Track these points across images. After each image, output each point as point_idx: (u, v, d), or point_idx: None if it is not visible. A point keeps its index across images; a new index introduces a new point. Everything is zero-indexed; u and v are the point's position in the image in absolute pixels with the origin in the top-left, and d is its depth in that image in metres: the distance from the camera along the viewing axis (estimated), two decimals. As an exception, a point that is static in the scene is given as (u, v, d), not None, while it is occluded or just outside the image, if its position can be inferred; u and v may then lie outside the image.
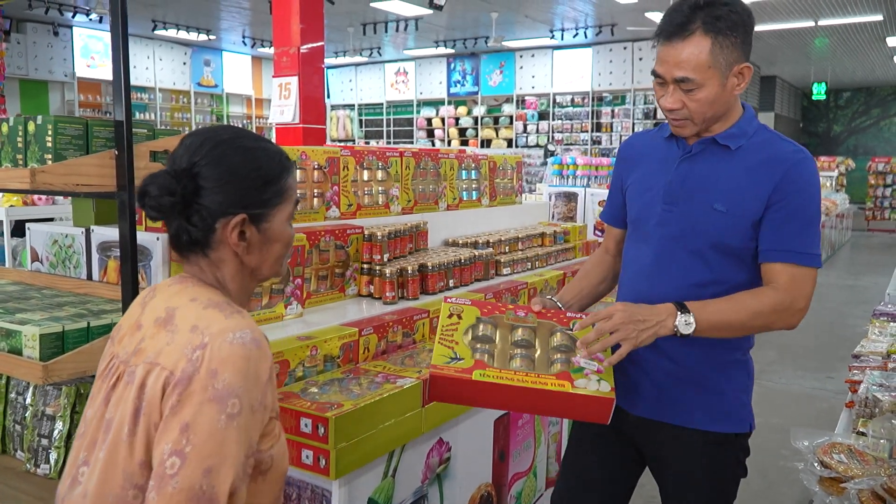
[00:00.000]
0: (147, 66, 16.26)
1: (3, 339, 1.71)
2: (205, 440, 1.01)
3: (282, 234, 1.23)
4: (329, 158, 2.59)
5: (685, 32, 1.57)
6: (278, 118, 6.38)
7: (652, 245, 1.73)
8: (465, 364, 1.53)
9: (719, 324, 1.57)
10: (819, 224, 1.64)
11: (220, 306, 1.14)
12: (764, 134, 1.69)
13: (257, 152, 1.20)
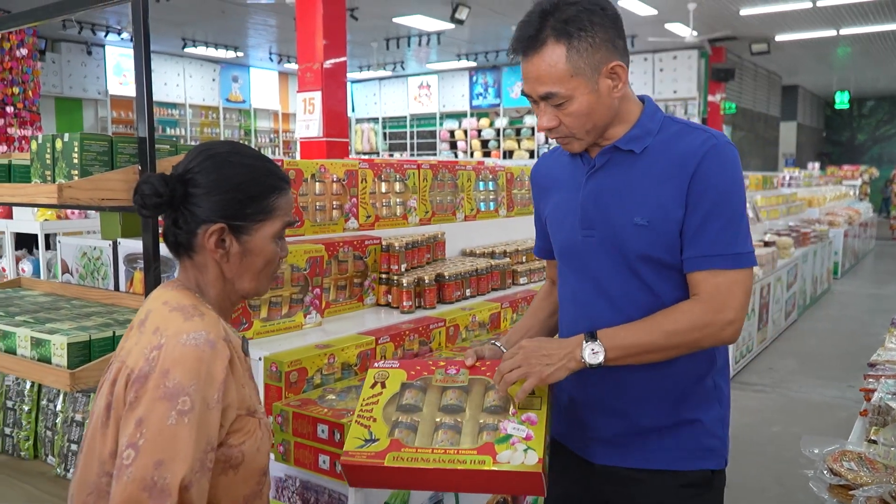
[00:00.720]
0: (177, 82, 16.58)
1: (33, 348, 1.79)
2: (155, 435, 1.08)
3: (262, 249, 1.27)
4: (348, 171, 2.65)
5: (537, 44, 1.42)
6: (304, 132, 6.51)
7: (583, 275, 1.55)
8: (379, 446, 1.40)
9: (632, 348, 1.40)
10: (744, 218, 1.45)
11: (184, 310, 1.20)
12: (671, 127, 1.50)
13: (248, 168, 1.26)
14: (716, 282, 1.40)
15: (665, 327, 1.39)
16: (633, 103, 1.54)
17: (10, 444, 2.19)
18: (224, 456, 1.17)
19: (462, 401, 1.47)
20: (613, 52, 1.45)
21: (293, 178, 2.42)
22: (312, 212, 2.52)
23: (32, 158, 1.81)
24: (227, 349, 1.18)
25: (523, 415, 1.40)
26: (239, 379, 1.21)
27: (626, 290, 1.50)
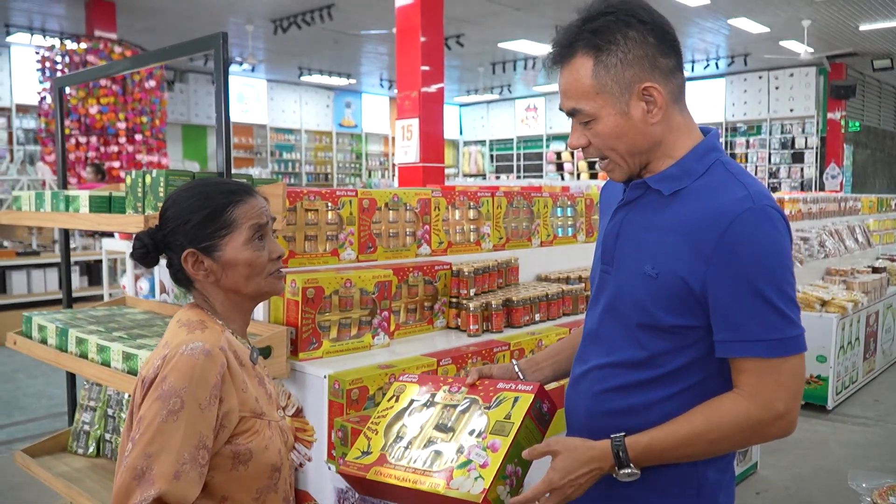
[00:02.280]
0: (294, 109, 17.44)
1: (124, 361, 1.99)
2: (148, 431, 1.21)
3: (238, 258, 1.37)
4: (420, 200, 2.77)
5: (567, 55, 1.31)
6: (402, 158, 6.74)
7: (594, 312, 1.46)
8: (369, 459, 1.48)
9: (670, 460, 1.28)
10: (788, 295, 1.24)
11: (190, 324, 1.35)
12: (715, 174, 1.31)
13: (197, 195, 1.38)
14: (759, 372, 1.23)
15: (708, 436, 1.24)
16: (685, 136, 1.35)
17: (108, 449, 2.43)
18: (232, 453, 1.30)
19: (455, 420, 1.49)
20: (650, 71, 1.28)
21: (367, 206, 2.56)
22: (385, 238, 2.66)
23: (127, 192, 2.03)
24: (224, 358, 1.30)
25: (490, 441, 1.38)
26: (239, 384, 1.33)
27: (616, 339, 1.39)
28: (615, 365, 1.38)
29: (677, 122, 1.34)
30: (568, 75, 1.31)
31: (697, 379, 1.32)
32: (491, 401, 1.47)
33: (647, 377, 1.34)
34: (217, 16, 11.10)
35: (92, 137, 9.34)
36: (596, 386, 1.41)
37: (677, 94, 1.34)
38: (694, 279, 1.25)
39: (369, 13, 10.80)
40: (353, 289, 2.32)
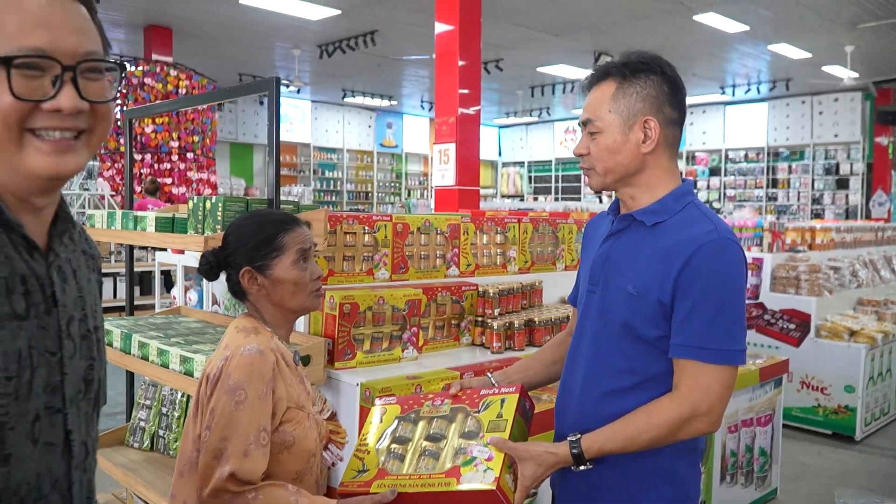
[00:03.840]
0: (337, 129, 17.89)
1: (181, 364, 2.25)
2: (220, 419, 1.47)
3: (285, 276, 1.61)
4: (450, 224, 3.00)
5: (601, 78, 1.59)
6: (439, 182, 6.98)
7: (581, 328, 1.67)
8: (368, 476, 1.58)
9: (619, 452, 1.49)
10: (735, 314, 1.47)
11: (245, 330, 1.60)
12: (689, 212, 1.55)
13: (254, 224, 1.65)
14: (696, 374, 1.45)
15: (648, 434, 1.46)
16: (667, 178, 1.59)
17: (162, 444, 2.69)
18: (279, 439, 1.54)
19: (444, 429, 1.62)
20: (656, 111, 1.54)
21: (401, 230, 2.80)
22: (417, 259, 2.89)
23: (189, 214, 2.30)
24: (274, 356, 1.55)
25: (489, 437, 1.53)
26: (286, 379, 1.57)
27: (602, 351, 1.58)
28: (603, 373, 1.58)
29: (664, 164, 1.59)
30: (595, 93, 1.59)
31: (671, 385, 1.52)
32: (478, 406, 1.63)
33: (630, 384, 1.54)
34: (266, 41, 11.55)
35: (147, 155, 9.81)
36: (586, 393, 1.61)
37: (671, 143, 1.60)
38: (665, 295, 1.48)
39: (411, 39, 11.14)
40: (385, 306, 2.55)
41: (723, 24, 10.05)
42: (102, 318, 1.10)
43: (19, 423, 0.87)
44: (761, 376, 3.59)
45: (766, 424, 3.66)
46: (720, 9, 9.43)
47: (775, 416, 3.78)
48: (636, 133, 1.55)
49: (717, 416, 1.47)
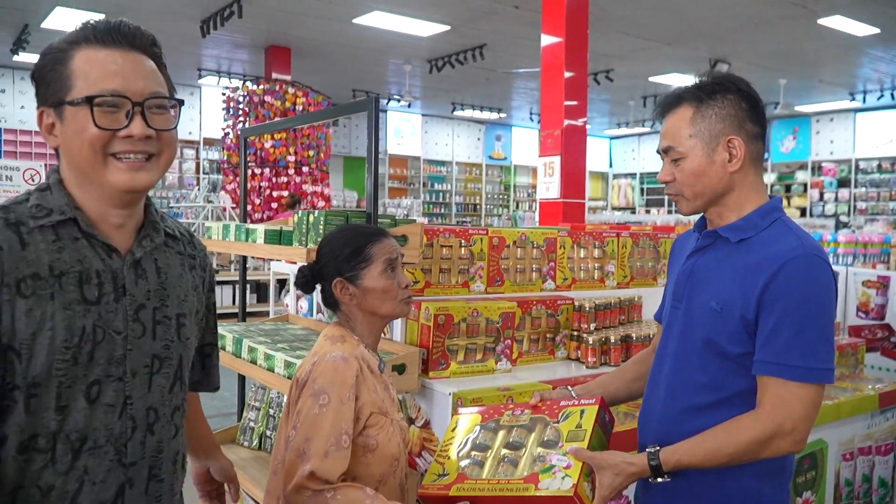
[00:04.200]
0: (446, 142, 18.19)
1: (285, 369, 2.38)
2: (304, 421, 1.55)
3: (375, 285, 1.69)
4: (547, 239, 3.01)
5: (674, 103, 1.59)
6: (544, 194, 6.98)
7: (664, 344, 1.67)
8: (448, 479, 1.62)
9: (698, 467, 1.48)
10: (821, 331, 1.44)
11: (332, 339, 1.68)
12: (776, 228, 1.54)
13: (343, 237, 1.73)
14: (780, 392, 1.43)
15: (728, 450, 1.44)
16: (755, 195, 1.58)
17: (269, 444, 2.84)
18: (363, 442, 1.61)
19: (523, 437, 1.65)
20: (738, 129, 1.54)
21: (497, 244, 2.84)
22: (513, 273, 2.92)
23: (294, 227, 2.44)
24: (357, 364, 1.62)
25: (568, 447, 1.55)
26: (370, 385, 1.64)
27: (683, 366, 1.59)
28: (685, 390, 1.58)
29: (750, 180, 1.58)
30: (671, 119, 1.59)
31: (754, 403, 1.49)
32: (558, 416, 1.65)
33: (712, 400, 1.53)
34: (379, 58, 11.93)
35: (265, 169, 10.32)
36: (668, 409, 1.61)
37: (756, 158, 1.59)
38: (748, 311, 1.47)
39: (520, 52, 11.20)
40: (479, 318, 2.59)
41: (850, 27, 9.52)
42: (193, 307, 1.35)
43: (75, 383, 1.14)
44: (881, 402, 3.37)
45: (886, 454, 3.43)
46: (847, 11, 8.94)
47: (897, 445, 3.55)
48: (721, 153, 1.54)
49: (801, 436, 1.44)
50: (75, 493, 1.15)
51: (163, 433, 1.26)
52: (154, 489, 1.25)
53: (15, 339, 1.11)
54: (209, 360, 1.57)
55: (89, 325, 1.15)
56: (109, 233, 1.22)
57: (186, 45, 11.25)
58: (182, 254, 1.36)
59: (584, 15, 7.08)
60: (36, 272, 1.13)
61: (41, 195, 1.20)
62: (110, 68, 1.17)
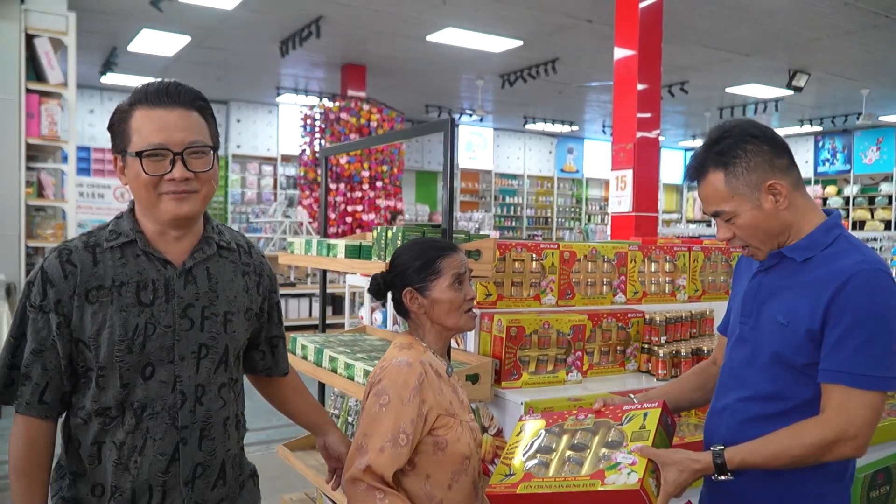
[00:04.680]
0: (518, 155, 18.24)
1: (364, 377, 2.50)
2: (365, 417, 1.68)
3: (442, 297, 1.78)
4: (617, 252, 3.06)
5: (701, 173, 1.67)
6: (615, 208, 6.98)
7: (731, 355, 1.76)
8: (515, 479, 1.68)
9: (761, 467, 1.54)
10: (886, 342, 1.50)
11: (401, 346, 1.79)
12: (839, 245, 1.62)
13: (415, 250, 1.83)
14: (844, 399, 1.50)
15: (792, 452, 1.52)
16: (810, 214, 1.67)
17: (348, 448, 2.97)
18: (433, 441, 1.71)
19: (587, 440, 1.72)
20: (771, 171, 1.62)
21: (567, 258, 2.91)
22: (584, 286, 2.98)
23: (373, 242, 2.57)
24: (422, 369, 1.72)
25: (633, 446, 1.62)
26: (436, 388, 1.74)
27: (752, 378, 1.67)
28: (753, 399, 1.66)
29: (801, 204, 1.66)
30: (706, 187, 1.67)
31: (819, 411, 1.55)
32: (621, 419, 1.73)
33: (779, 409, 1.61)
34: (452, 73, 12.12)
35: (340, 184, 10.61)
36: (735, 417, 1.68)
37: (796, 183, 1.67)
38: (814, 324, 1.55)
39: (593, 65, 11.19)
40: (550, 330, 2.67)
41: (938, 34, 9.17)
42: (244, 306, 1.65)
43: (132, 367, 1.50)
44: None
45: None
46: (933, 18, 8.63)
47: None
48: (767, 199, 1.62)
49: (863, 441, 1.50)
50: (141, 447, 1.51)
51: (211, 404, 1.58)
52: (206, 446, 1.58)
53: (84, 334, 1.49)
54: (277, 350, 1.85)
55: (142, 323, 1.50)
56: (167, 248, 1.56)
57: (266, 65, 11.71)
58: (235, 262, 1.67)
59: (658, 28, 7.06)
60: (101, 284, 1.49)
61: (116, 222, 1.58)
62: (157, 125, 1.48)
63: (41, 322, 1.49)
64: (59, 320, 1.48)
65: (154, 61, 11.45)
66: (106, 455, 1.52)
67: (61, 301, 1.48)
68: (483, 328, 2.70)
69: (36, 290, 1.50)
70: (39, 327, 1.49)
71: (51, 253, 1.53)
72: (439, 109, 14.88)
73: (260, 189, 15.25)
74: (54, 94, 6.36)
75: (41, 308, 1.49)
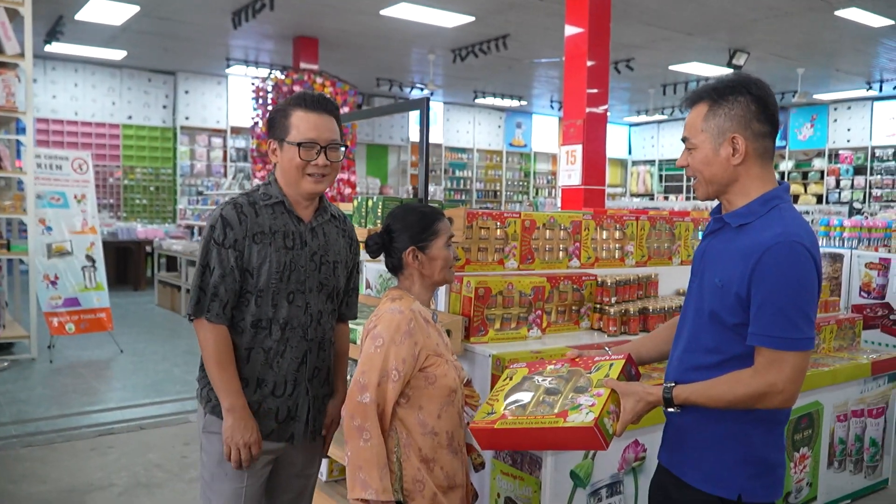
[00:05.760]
0: (467, 129, 18.48)
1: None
2: (364, 358, 1.93)
3: (439, 254, 2.05)
4: (573, 221, 3.35)
5: (696, 100, 1.83)
6: (566, 181, 7.30)
7: (684, 311, 1.96)
8: (494, 417, 1.90)
9: (701, 405, 1.75)
10: (799, 307, 1.66)
11: (392, 298, 2.05)
12: (771, 216, 1.74)
13: (416, 212, 2.08)
14: (770, 358, 1.67)
15: (727, 398, 1.72)
16: (760, 184, 1.78)
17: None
18: (424, 376, 1.98)
19: (560, 385, 1.93)
20: (743, 129, 1.74)
21: (528, 226, 3.19)
22: (542, 252, 3.27)
23: (353, 211, 2.80)
24: (411, 315, 1.98)
25: (595, 391, 1.84)
26: (424, 332, 2.00)
27: (697, 332, 1.85)
28: (696, 350, 1.85)
29: (756, 172, 1.80)
30: (691, 114, 1.85)
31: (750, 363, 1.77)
32: (591, 368, 1.95)
33: (716, 361, 1.80)
34: (404, 47, 12.24)
35: (295, 157, 10.66)
36: (683, 364, 1.90)
37: (762, 153, 1.80)
38: (742, 289, 1.71)
39: (543, 42, 11.46)
40: (514, 291, 2.95)
41: (866, 18, 9.71)
42: (344, 258, 2.22)
43: (281, 292, 2.06)
44: (874, 370, 3.69)
45: (878, 416, 3.76)
46: (862, 4, 9.14)
47: (889, 410, 3.86)
48: (726, 148, 1.77)
49: (790, 395, 1.69)
50: (283, 352, 2.08)
51: (325, 325, 2.18)
52: (321, 356, 2.18)
53: (251, 265, 2.03)
54: (350, 299, 2.33)
55: (289, 261, 2.07)
56: (300, 211, 2.12)
57: (216, 37, 11.64)
58: (339, 227, 2.25)
59: (607, 6, 7.35)
60: (262, 230, 2.04)
61: (266, 187, 2.11)
62: (311, 124, 2.04)
63: (224, 254, 1.99)
64: (237, 254, 2.00)
65: (101, 30, 11.26)
66: (255, 357, 2.06)
67: (238, 240, 2.00)
68: (453, 289, 2.97)
69: (219, 231, 2.00)
70: (223, 258, 1.99)
71: (226, 205, 2.04)
72: (390, 83, 14.98)
73: (210, 161, 15.15)
74: (11, 65, 6.32)
75: (223, 244, 2.00)
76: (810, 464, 3.51)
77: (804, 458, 3.47)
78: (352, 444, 1.91)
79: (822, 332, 3.81)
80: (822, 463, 3.57)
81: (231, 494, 2.07)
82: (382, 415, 1.94)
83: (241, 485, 2.07)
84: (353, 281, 2.33)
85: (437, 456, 2.03)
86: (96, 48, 12.59)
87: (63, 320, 6.94)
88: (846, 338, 3.96)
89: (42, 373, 6.44)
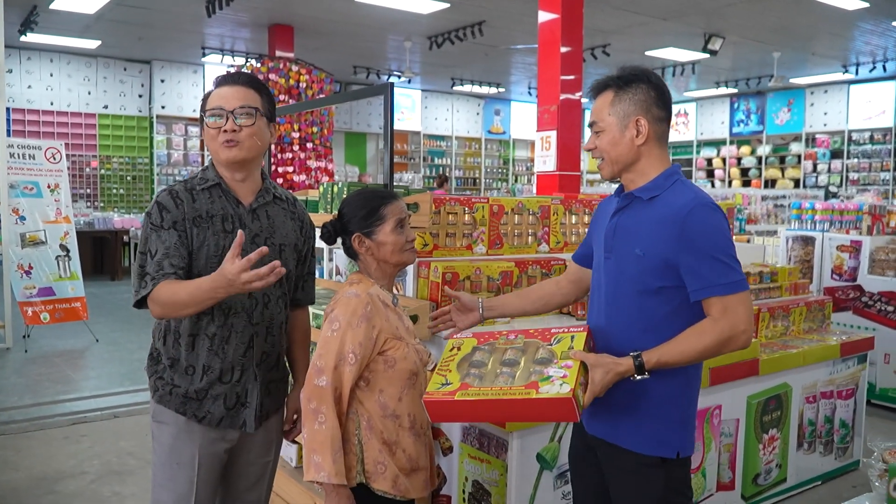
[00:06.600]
0: (446, 117, 18.43)
1: (312, 320, 2.72)
2: (321, 341, 1.92)
3: (386, 239, 2.03)
4: (541, 206, 3.35)
5: (603, 89, 1.99)
6: (541, 167, 7.30)
7: (603, 288, 2.03)
8: (451, 388, 1.82)
9: (675, 365, 1.84)
10: (729, 253, 1.84)
11: (351, 282, 2.04)
12: (677, 188, 1.93)
13: (362, 198, 2.06)
14: (723, 305, 1.82)
15: (697, 348, 1.83)
16: (658, 164, 1.97)
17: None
18: (384, 359, 1.97)
19: (518, 357, 1.90)
20: (645, 113, 1.94)
21: (496, 211, 3.18)
22: (511, 237, 3.26)
23: (320, 197, 2.78)
24: (368, 299, 1.96)
25: (563, 363, 1.83)
26: (383, 315, 1.98)
27: (625, 303, 1.96)
28: (623, 318, 1.96)
29: (655, 153, 1.99)
30: (598, 101, 2.01)
31: (679, 321, 1.89)
32: (551, 340, 1.94)
33: (647, 325, 1.92)
34: (380, 35, 12.16)
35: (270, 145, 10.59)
36: (623, 333, 1.96)
37: (660, 136, 1.99)
38: (668, 253, 1.86)
39: (518, 28, 11.44)
40: (482, 276, 2.94)
41: (841, 1, 9.77)
42: (292, 241, 2.15)
43: None
44: (843, 351, 3.73)
45: (847, 398, 3.80)
46: (836, -13, 9.20)
47: (858, 391, 3.91)
48: (631, 130, 1.95)
49: (750, 333, 1.85)
50: (227, 338, 2.03)
51: (273, 308, 2.12)
52: (270, 341, 2.12)
53: (192, 248, 1.99)
54: (307, 284, 2.28)
55: (227, 244, 2.00)
56: (238, 190, 2.08)
57: (191, 25, 11.50)
58: (286, 209, 2.18)
59: (580, -8, 7.34)
60: (200, 215, 2.01)
61: (203, 172, 2.09)
62: (219, 95, 2.03)
63: (164, 235, 1.95)
64: (179, 234, 1.97)
65: (75, 19, 11.09)
66: (199, 344, 2.03)
67: (177, 221, 1.98)
68: (421, 275, 2.95)
69: (155, 216, 1.98)
70: (164, 239, 1.95)
71: (162, 192, 2.03)
72: (367, 71, 14.89)
73: (186, 150, 15.02)
74: (-23, 54, 6.20)
75: (161, 226, 1.96)
76: (780, 445, 3.54)
77: (773, 439, 3.50)
78: (307, 427, 1.91)
79: (791, 315, 3.84)
80: (791, 444, 3.61)
81: (184, 482, 2.05)
82: (340, 398, 1.92)
83: (192, 473, 2.05)
84: (309, 265, 2.28)
85: (399, 439, 2.02)
86: (71, 38, 12.41)
87: (38, 310, 6.88)
88: (815, 320, 3.99)
89: (16, 362, 6.38)
